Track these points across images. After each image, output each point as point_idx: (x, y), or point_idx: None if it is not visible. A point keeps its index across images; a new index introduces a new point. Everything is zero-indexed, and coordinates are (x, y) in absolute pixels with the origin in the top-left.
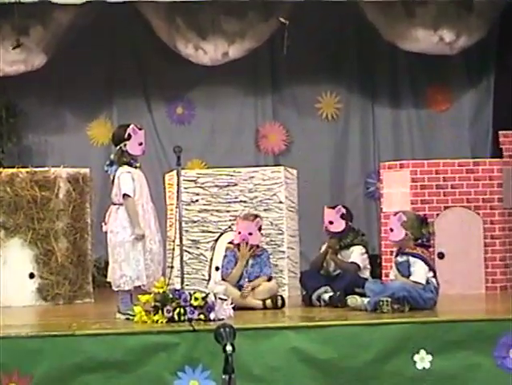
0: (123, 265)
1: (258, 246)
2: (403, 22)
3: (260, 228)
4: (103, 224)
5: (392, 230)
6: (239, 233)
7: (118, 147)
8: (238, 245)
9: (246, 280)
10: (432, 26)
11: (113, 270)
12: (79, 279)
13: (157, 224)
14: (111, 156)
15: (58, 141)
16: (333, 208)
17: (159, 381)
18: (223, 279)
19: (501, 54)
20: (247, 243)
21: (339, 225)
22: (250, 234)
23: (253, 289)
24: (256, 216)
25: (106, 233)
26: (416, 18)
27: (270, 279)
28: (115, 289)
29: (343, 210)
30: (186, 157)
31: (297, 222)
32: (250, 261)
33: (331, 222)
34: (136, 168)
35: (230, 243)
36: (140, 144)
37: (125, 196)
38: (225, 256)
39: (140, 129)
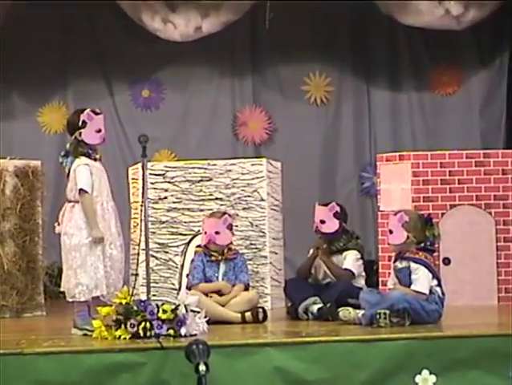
0: (79, 272)
1: (230, 249)
2: None
3: (230, 227)
4: (55, 224)
5: (391, 232)
6: (205, 233)
7: (73, 136)
8: (207, 247)
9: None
10: None
11: (67, 278)
12: (29, 289)
13: (119, 226)
14: (67, 146)
15: (3, 128)
16: (326, 205)
17: None
18: (188, 288)
19: None
20: (215, 243)
21: (332, 225)
22: (217, 233)
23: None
24: (224, 213)
25: (59, 234)
26: None
27: (247, 288)
28: (70, 300)
29: (337, 208)
30: (153, 148)
31: (281, 223)
32: (222, 267)
33: (322, 221)
34: (95, 160)
35: (198, 246)
36: (99, 131)
37: (82, 191)
38: (192, 260)
39: (97, 114)
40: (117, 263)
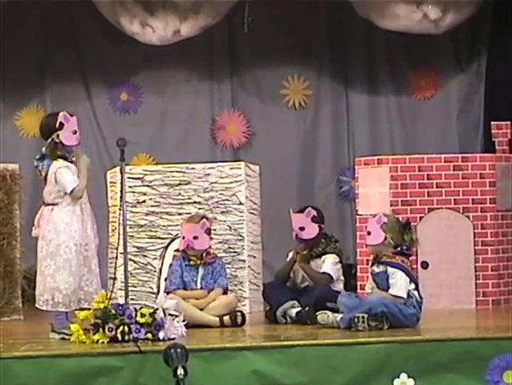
0: (57, 276)
1: (209, 253)
2: None
3: (208, 231)
4: (33, 228)
5: (369, 233)
6: (183, 237)
7: (50, 138)
8: (185, 252)
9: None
10: (415, 0)
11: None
12: (7, 293)
13: (95, 229)
14: (43, 149)
15: None
16: (301, 211)
17: None
18: (166, 292)
19: (495, 33)
20: (193, 248)
21: (313, 230)
22: (196, 238)
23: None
24: (203, 216)
25: (37, 238)
26: None
27: (226, 292)
28: None
29: (314, 212)
30: (131, 151)
31: (259, 226)
32: (201, 271)
33: (302, 228)
34: (71, 162)
35: (177, 250)
36: (75, 133)
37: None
38: (171, 265)
39: (71, 116)
40: (92, 265)
